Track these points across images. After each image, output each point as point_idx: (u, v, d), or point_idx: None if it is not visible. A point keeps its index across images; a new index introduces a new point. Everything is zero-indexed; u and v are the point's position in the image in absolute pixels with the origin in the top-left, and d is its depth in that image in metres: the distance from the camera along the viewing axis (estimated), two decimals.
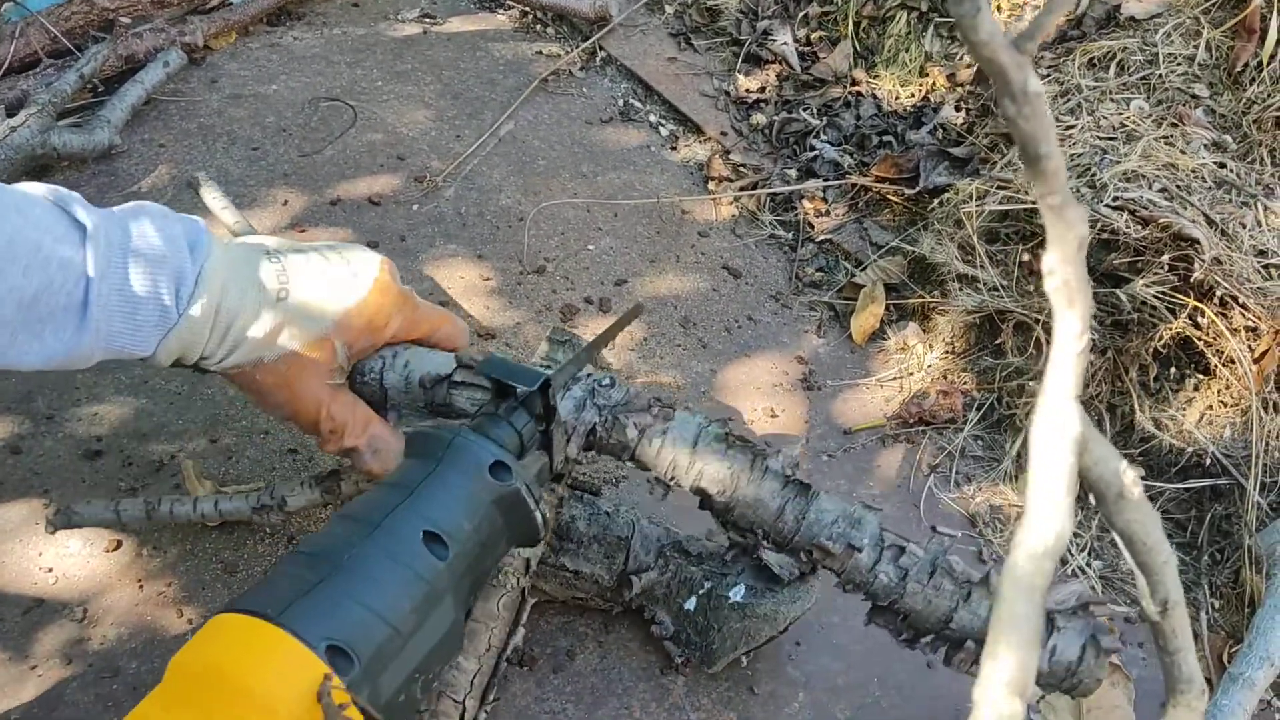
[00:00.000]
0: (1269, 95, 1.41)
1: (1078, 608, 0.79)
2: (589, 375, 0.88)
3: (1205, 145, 1.36)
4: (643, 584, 0.97)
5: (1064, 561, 1.19)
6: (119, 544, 1.02)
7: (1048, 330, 1.28)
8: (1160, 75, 1.47)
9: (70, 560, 1.01)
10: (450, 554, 0.66)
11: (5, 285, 0.63)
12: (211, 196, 1.17)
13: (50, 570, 1.00)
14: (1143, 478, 1.19)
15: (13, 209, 0.64)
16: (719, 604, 0.95)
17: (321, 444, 0.85)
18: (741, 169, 1.72)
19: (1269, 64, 1.43)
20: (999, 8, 1.72)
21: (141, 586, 1.00)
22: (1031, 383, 1.28)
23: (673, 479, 0.86)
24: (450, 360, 0.87)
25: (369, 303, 0.84)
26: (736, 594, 0.94)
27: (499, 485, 0.71)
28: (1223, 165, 1.34)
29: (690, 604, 0.97)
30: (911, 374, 1.39)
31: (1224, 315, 1.17)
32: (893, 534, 0.84)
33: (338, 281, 0.83)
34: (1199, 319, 1.19)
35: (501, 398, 0.81)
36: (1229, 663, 1.06)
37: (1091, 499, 0.47)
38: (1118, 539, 0.46)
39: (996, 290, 1.32)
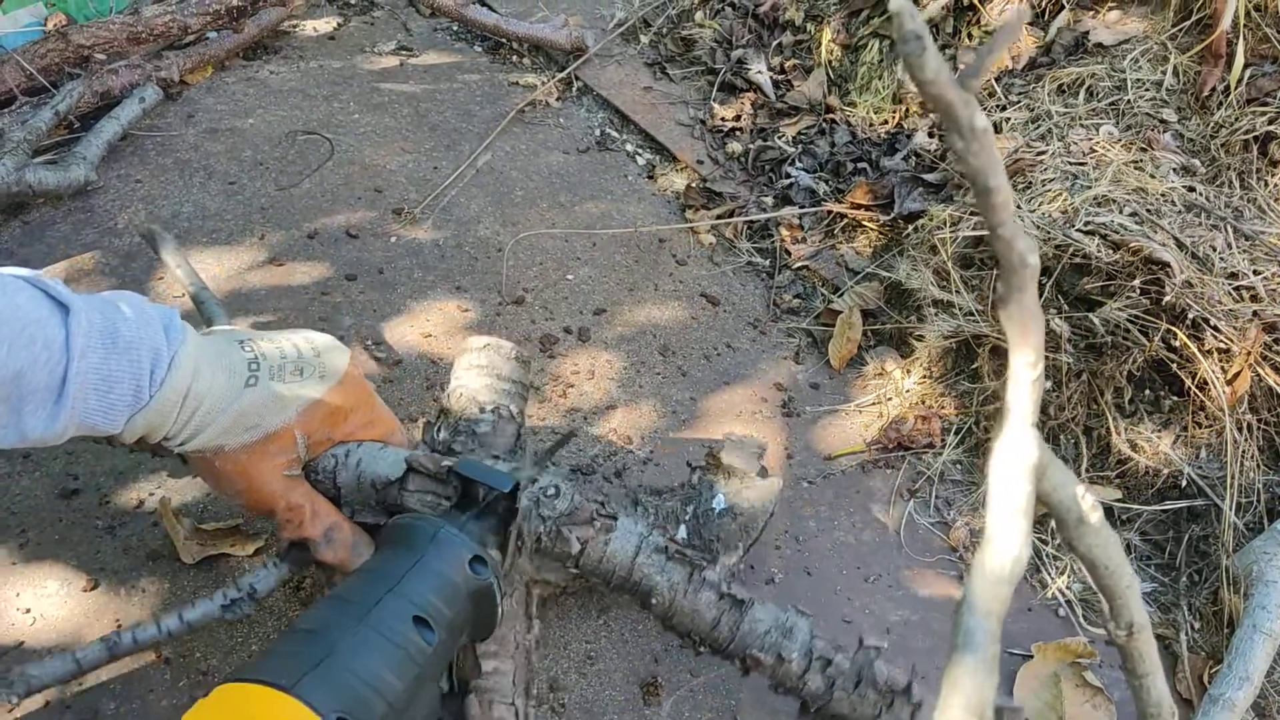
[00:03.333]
0: (1236, 119, 1.43)
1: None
2: (535, 483, 0.91)
3: (1174, 169, 1.38)
4: None
5: (1043, 585, 1.19)
6: (96, 584, 1.02)
7: None
8: (1129, 101, 1.49)
9: (48, 600, 1.00)
10: (436, 638, 0.71)
11: None
12: (169, 255, 1.14)
13: (28, 611, 0.99)
14: (1120, 500, 1.20)
15: None
16: (708, 518, 1.03)
17: (279, 530, 0.87)
18: (718, 197, 1.73)
19: (1236, 88, 1.45)
20: (969, 35, 1.74)
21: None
22: None
23: (612, 586, 0.91)
24: (400, 463, 0.90)
25: (333, 397, 0.88)
26: (719, 503, 1.04)
27: (475, 579, 0.78)
28: (1192, 189, 1.35)
29: (682, 533, 1.03)
30: (890, 399, 1.39)
31: (1196, 338, 1.19)
32: (824, 642, 0.89)
33: (305, 373, 0.86)
34: (1172, 342, 1.20)
35: (469, 495, 0.87)
36: (1209, 684, 1.06)
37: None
38: (1081, 564, 0.47)
39: (972, 315, 1.33)
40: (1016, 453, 0.39)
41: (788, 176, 1.73)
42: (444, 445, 1.00)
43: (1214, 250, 1.26)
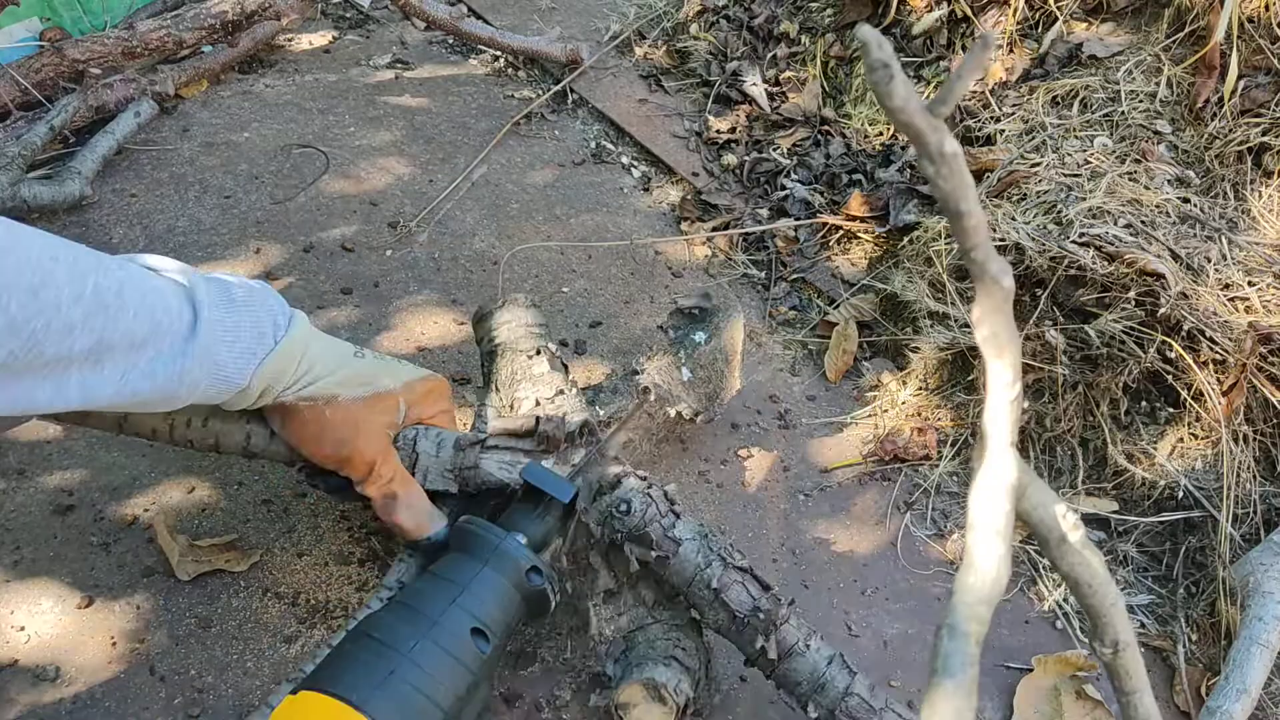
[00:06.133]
0: (1230, 130, 1.43)
1: None
2: (613, 494, 0.98)
3: (1169, 181, 1.39)
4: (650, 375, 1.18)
5: (1040, 598, 1.19)
6: (90, 601, 1.01)
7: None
8: (1123, 112, 1.50)
9: (43, 618, 1.00)
10: (490, 646, 0.80)
11: (120, 330, 0.70)
12: None
13: (23, 629, 0.99)
14: (1116, 512, 1.20)
15: (115, 266, 0.72)
16: (699, 352, 1.22)
17: (366, 484, 0.92)
18: (714, 209, 1.73)
19: (1229, 99, 1.45)
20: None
21: (115, 644, 0.98)
22: None
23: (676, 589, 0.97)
24: (482, 430, 1.01)
25: (430, 379, 0.99)
26: (700, 337, 1.23)
27: (531, 586, 0.87)
28: (1186, 200, 1.36)
29: (685, 375, 1.20)
30: (886, 411, 1.39)
31: (1192, 349, 1.19)
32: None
33: (401, 361, 0.98)
34: (1168, 353, 1.20)
35: (531, 498, 0.94)
36: (1207, 696, 1.06)
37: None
38: (1065, 582, 0.47)
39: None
40: (995, 473, 0.40)
41: (783, 189, 1.74)
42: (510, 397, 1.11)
43: (1209, 261, 1.26)
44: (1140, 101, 1.51)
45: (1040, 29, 1.69)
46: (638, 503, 0.96)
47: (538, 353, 1.13)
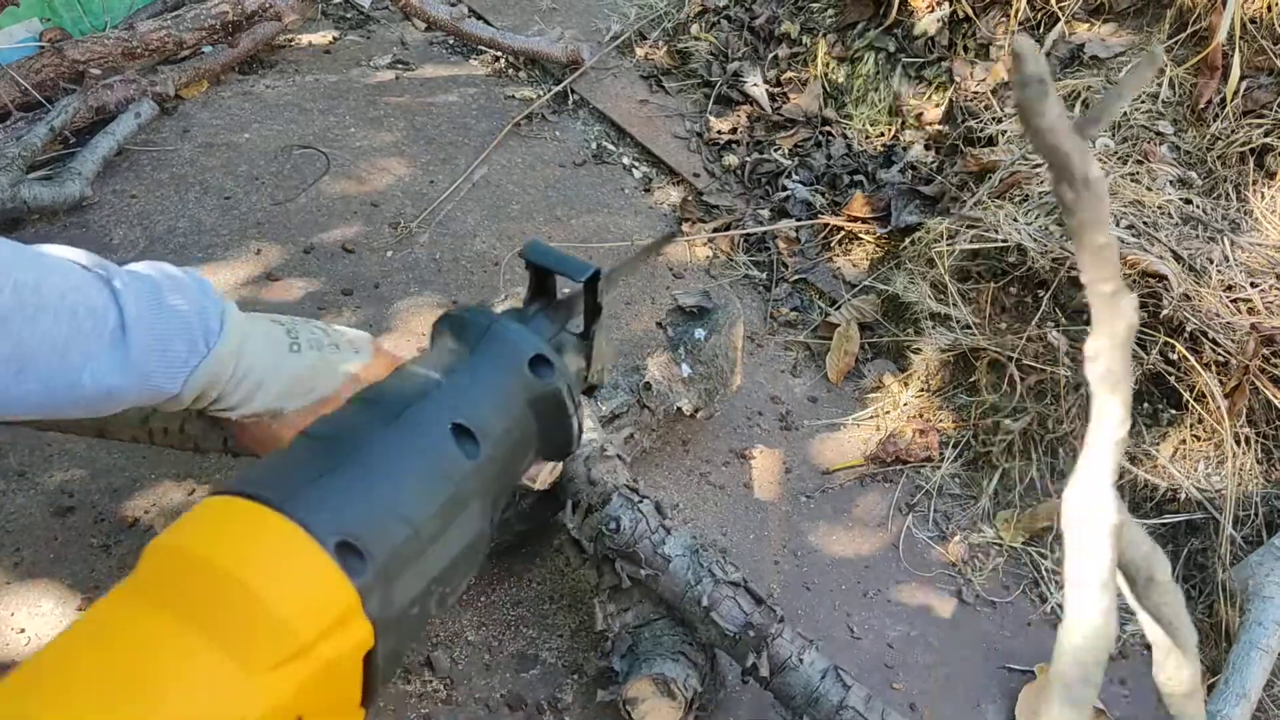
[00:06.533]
0: (1232, 131, 1.43)
1: None
2: (602, 510, 0.97)
3: (1171, 182, 1.38)
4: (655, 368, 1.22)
5: (1043, 599, 1.19)
6: (91, 602, 1.01)
7: (1020, 368, 1.29)
8: (1125, 113, 1.49)
9: (43, 620, 0.99)
10: (481, 454, 0.57)
11: (38, 333, 0.65)
12: None
13: (23, 631, 0.98)
14: None
15: (33, 261, 0.66)
16: (698, 348, 1.23)
17: None
18: (715, 210, 1.73)
19: (1232, 100, 1.45)
20: (965, 48, 1.75)
21: None
22: (1006, 420, 1.29)
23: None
24: None
25: (374, 365, 0.91)
26: (700, 334, 1.24)
27: (538, 383, 0.63)
28: (1189, 201, 1.35)
29: (685, 371, 1.22)
30: (888, 413, 1.39)
31: (1194, 350, 1.19)
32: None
33: (341, 345, 0.89)
34: (1170, 355, 1.20)
35: (542, 290, 0.72)
36: (1206, 699, 1.06)
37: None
38: (1144, 620, 0.45)
39: (969, 328, 1.33)
40: (1096, 515, 0.36)
41: (784, 189, 1.73)
42: None
43: (1211, 263, 1.26)
44: (1142, 102, 1.51)
45: (1042, 29, 1.69)
46: (626, 520, 0.95)
47: None
